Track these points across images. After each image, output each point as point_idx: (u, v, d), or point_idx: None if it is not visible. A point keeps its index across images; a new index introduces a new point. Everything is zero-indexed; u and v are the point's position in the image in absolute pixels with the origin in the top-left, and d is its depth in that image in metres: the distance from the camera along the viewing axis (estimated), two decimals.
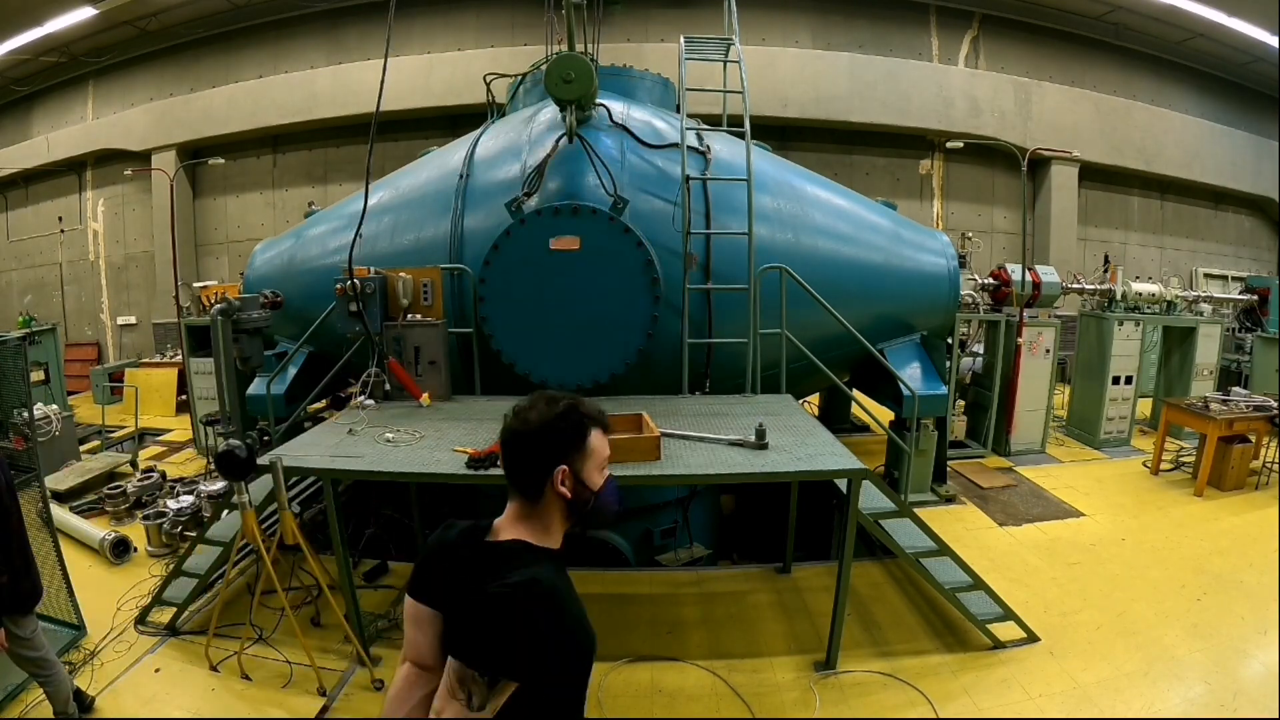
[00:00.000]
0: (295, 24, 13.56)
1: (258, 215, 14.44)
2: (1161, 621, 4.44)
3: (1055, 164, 13.23)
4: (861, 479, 3.68)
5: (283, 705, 3.66)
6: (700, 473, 3.69)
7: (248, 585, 4.77)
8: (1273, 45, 12.85)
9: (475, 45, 12.98)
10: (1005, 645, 4.12)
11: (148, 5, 12.69)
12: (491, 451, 3.62)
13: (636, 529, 5.56)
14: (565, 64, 4.73)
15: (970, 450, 8.24)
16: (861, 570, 5.06)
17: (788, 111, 12.55)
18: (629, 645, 4.17)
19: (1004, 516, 6.34)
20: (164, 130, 13.98)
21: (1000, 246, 13.85)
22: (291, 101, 13.33)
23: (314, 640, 4.11)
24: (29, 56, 13.66)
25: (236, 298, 5.46)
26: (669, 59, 8.97)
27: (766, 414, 4.50)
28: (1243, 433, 6.93)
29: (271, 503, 3.87)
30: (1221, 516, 6.27)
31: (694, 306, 5.23)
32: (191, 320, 9.09)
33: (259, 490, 4.07)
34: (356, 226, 4.89)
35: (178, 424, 10.24)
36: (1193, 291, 10.25)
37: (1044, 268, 8.88)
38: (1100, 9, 12.88)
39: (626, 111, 5.71)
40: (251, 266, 6.86)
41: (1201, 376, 9.11)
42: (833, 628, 3.92)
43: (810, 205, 5.93)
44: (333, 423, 4.66)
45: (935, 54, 13.31)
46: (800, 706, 3.64)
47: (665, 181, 5.36)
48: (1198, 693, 3.74)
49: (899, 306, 6.26)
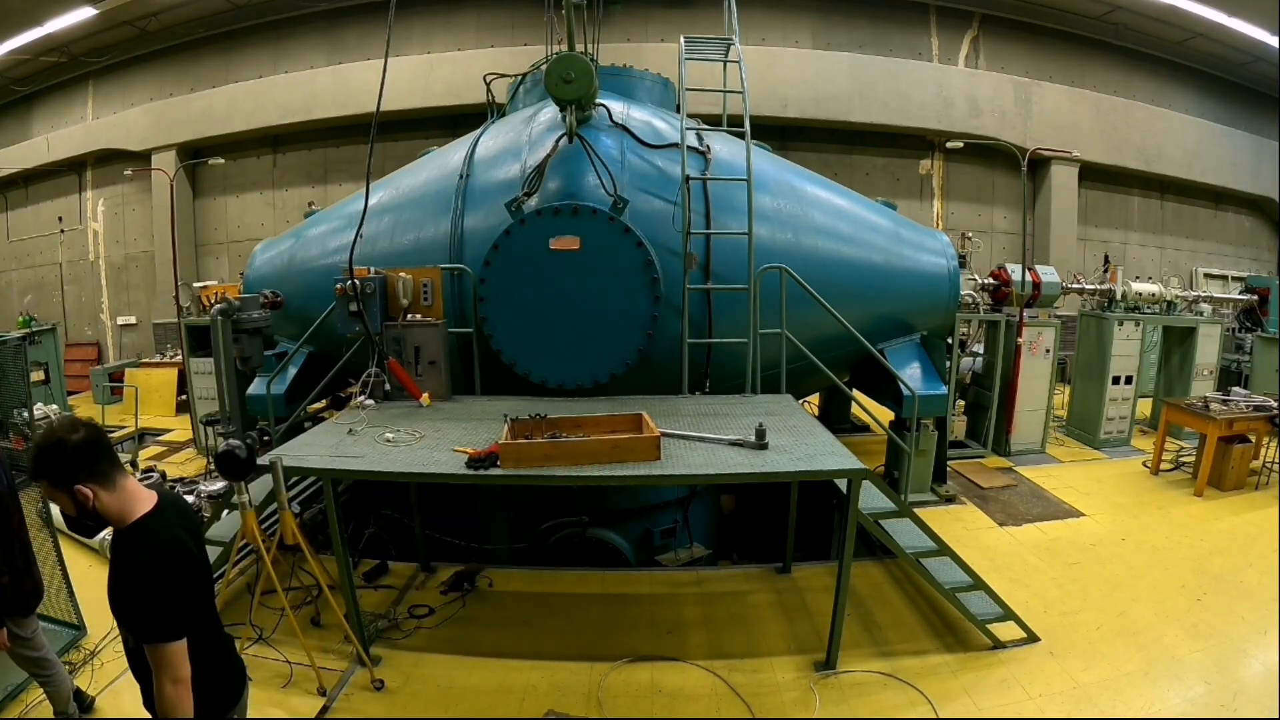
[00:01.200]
0: (295, 24, 13.56)
1: (258, 215, 14.44)
2: (1161, 621, 4.44)
3: (1055, 164, 13.23)
4: (861, 479, 3.68)
5: (283, 705, 3.66)
6: (700, 473, 3.69)
7: (248, 585, 4.77)
8: (1273, 45, 12.85)
9: (475, 45, 12.97)
10: (1005, 645, 4.12)
11: (148, 5, 12.69)
12: (491, 451, 3.62)
13: (636, 529, 5.57)
14: (565, 64, 4.73)
15: (970, 450, 8.24)
16: (861, 570, 5.06)
17: (788, 111, 12.55)
18: (629, 645, 4.17)
19: (1004, 516, 6.35)
20: (164, 130, 13.98)
21: (1000, 246, 13.85)
22: (291, 101, 13.33)
23: (314, 640, 4.11)
24: (29, 56, 13.65)
25: (236, 298, 5.46)
26: (669, 59, 8.97)
27: (766, 414, 4.51)
28: (1243, 433, 6.94)
29: (271, 503, 3.87)
30: (1221, 516, 6.27)
31: (694, 306, 5.23)
32: (191, 320, 9.10)
33: (259, 490, 4.07)
34: (357, 226, 4.89)
35: (178, 424, 10.24)
36: (1193, 291, 10.25)
37: (1044, 268, 8.88)
38: (1100, 9, 12.88)
39: (626, 111, 5.71)
40: (251, 266, 6.85)
41: (1201, 376, 9.11)
42: (833, 628, 3.92)
43: (810, 205, 5.93)
44: (333, 423, 4.66)
45: (935, 54, 13.31)
46: (800, 706, 3.64)
47: (665, 181, 5.35)
48: (1198, 693, 3.75)
49: (899, 306, 6.26)
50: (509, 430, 3.89)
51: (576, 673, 3.90)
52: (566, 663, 3.99)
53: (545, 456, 3.60)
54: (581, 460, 3.61)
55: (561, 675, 3.88)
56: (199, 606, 2.09)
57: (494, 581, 5.00)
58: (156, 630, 1.90)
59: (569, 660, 4.02)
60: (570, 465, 3.59)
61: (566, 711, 3.58)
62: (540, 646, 4.19)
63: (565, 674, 3.89)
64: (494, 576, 5.05)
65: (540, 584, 5.05)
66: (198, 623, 2.04)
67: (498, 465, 3.58)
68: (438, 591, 4.86)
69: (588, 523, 5.40)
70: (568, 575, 5.12)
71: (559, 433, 3.95)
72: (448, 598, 4.78)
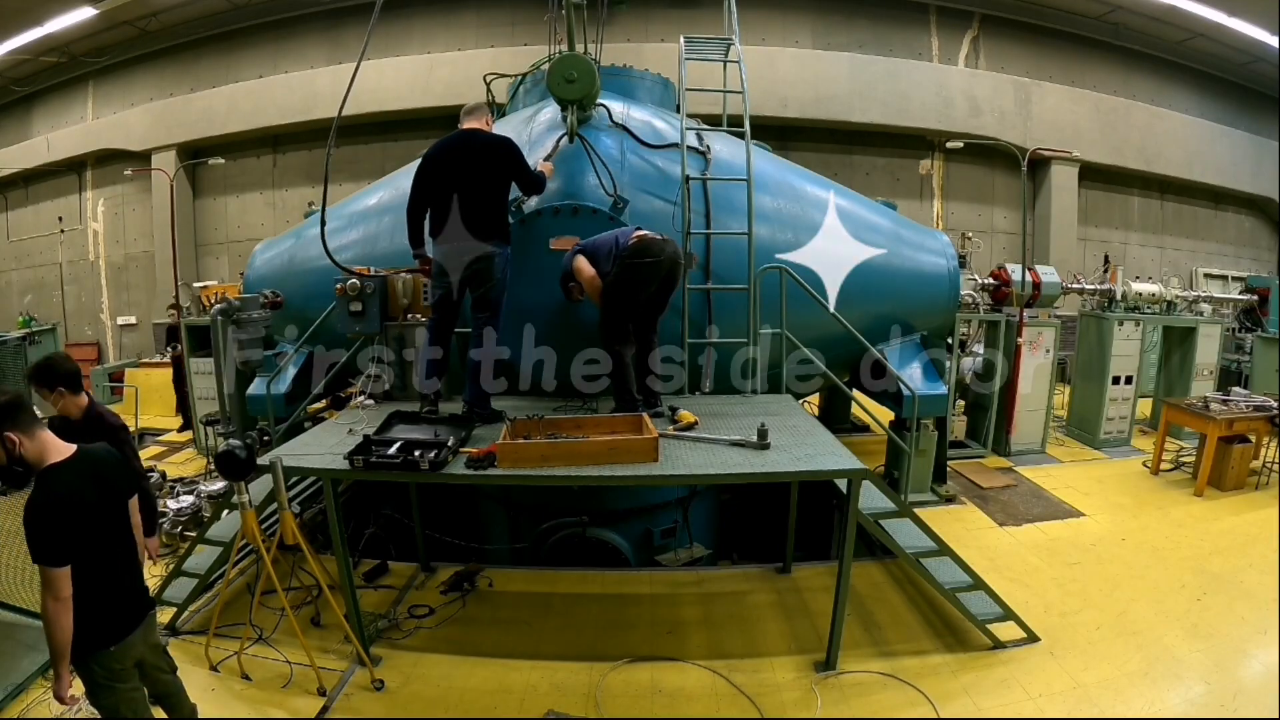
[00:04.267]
0: (295, 24, 13.57)
1: (258, 215, 14.45)
2: (1161, 621, 4.44)
3: (1055, 164, 13.24)
4: (861, 479, 3.68)
5: (283, 705, 3.66)
6: (700, 473, 3.69)
7: (248, 585, 4.77)
8: (1273, 45, 12.85)
9: (475, 45, 12.98)
10: (1005, 645, 4.12)
11: (148, 5, 12.71)
12: (490, 451, 3.62)
13: (636, 529, 5.56)
14: (568, 64, 4.73)
15: (970, 450, 8.23)
16: (861, 570, 5.05)
17: (788, 111, 12.56)
18: (629, 645, 4.17)
19: (1004, 516, 6.34)
20: (164, 130, 13.99)
21: (1000, 246, 13.85)
22: (291, 101, 13.34)
23: (314, 640, 4.11)
24: (29, 56, 13.67)
25: (236, 298, 5.46)
26: (669, 59, 8.97)
27: (766, 414, 4.50)
28: (1243, 433, 6.93)
29: (271, 503, 3.86)
30: (1221, 516, 6.27)
31: (694, 306, 5.23)
32: (191, 320, 9.09)
33: (259, 490, 4.07)
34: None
35: (178, 424, 10.23)
36: (1193, 291, 10.24)
37: (1044, 268, 8.88)
38: (1100, 9, 12.89)
39: (626, 111, 5.71)
40: (251, 266, 6.84)
41: (1201, 376, 9.10)
42: (833, 628, 3.92)
43: (810, 205, 5.92)
44: (333, 423, 4.65)
45: (935, 54, 13.32)
46: (801, 706, 3.64)
47: (665, 181, 5.35)
48: (1198, 693, 3.74)
49: (899, 306, 6.25)
50: (507, 430, 3.89)
51: (576, 673, 3.90)
52: (566, 663, 3.99)
53: (543, 457, 3.60)
54: (579, 461, 3.61)
55: (561, 675, 3.88)
56: (87, 544, 2.47)
57: (494, 581, 5.00)
58: (40, 555, 2.35)
59: (569, 660, 4.02)
60: (568, 466, 3.59)
61: (566, 711, 3.58)
62: (540, 646, 4.19)
63: (565, 674, 3.89)
64: (494, 576, 5.05)
65: (540, 584, 5.05)
66: (85, 557, 2.44)
67: (495, 465, 3.58)
68: (438, 591, 4.86)
69: (587, 523, 5.39)
70: (568, 575, 5.12)
71: (558, 433, 3.95)
72: (448, 598, 4.78)
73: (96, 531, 2.53)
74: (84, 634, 2.48)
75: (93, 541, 2.51)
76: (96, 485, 2.56)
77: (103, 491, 2.58)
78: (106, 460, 2.69)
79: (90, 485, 2.53)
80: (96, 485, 2.56)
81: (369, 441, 3.80)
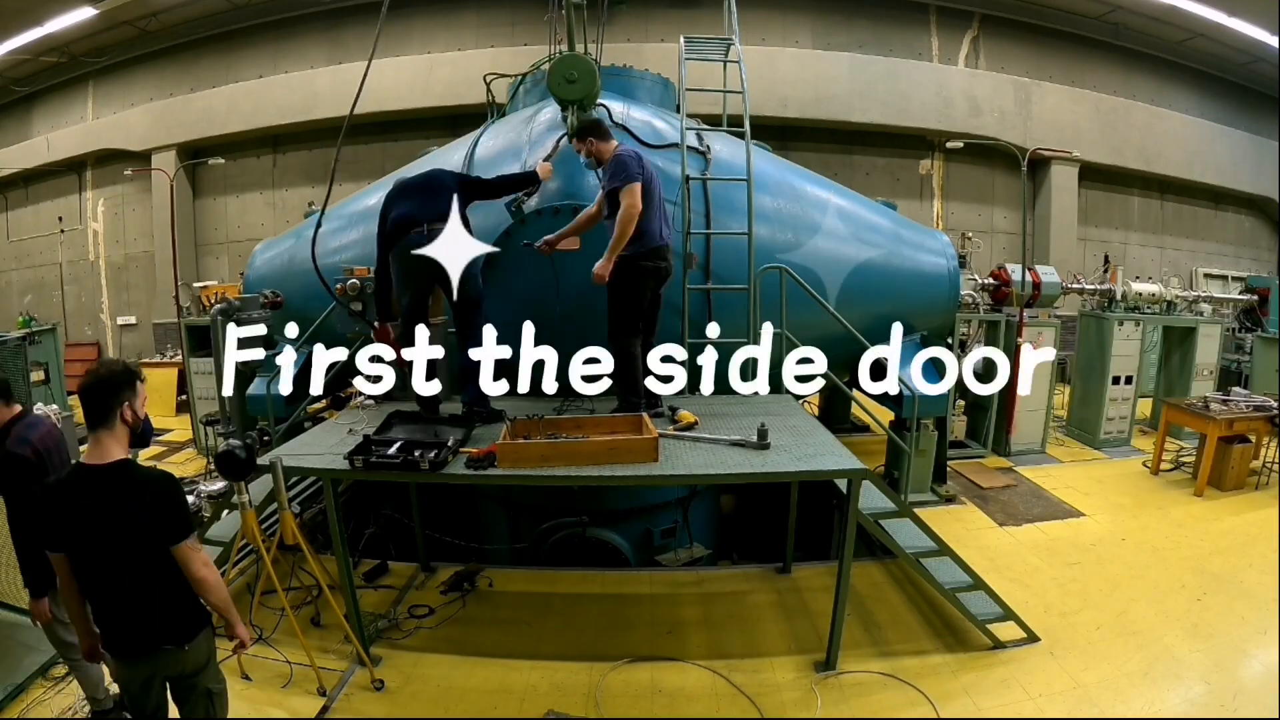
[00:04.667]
0: (295, 24, 13.56)
1: (258, 215, 14.44)
2: (1161, 621, 4.44)
3: (1055, 164, 13.22)
4: (861, 479, 3.68)
5: (283, 705, 3.67)
6: (700, 473, 3.69)
7: (248, 585, 4.77)
8: (1273, 45, 12.84)
9: (475, 45, 12.97)
10: (1005, 645, 4.12)
11: (148, 5, 12.70)
12: (490, 451, 3.62)
13: (636, 529, 5.56)
14: (568, 64, 4.73)
15: (970, 450, 8.24)
16: (861, 570, 5.05)
17: (788, 111, 12.55)
18: (629, 645, 4.17)
19: (1004, 516, 6.35)
20: (164, 130, 13.97)
21: (1000, 246, 13.84)
22: (291, 101, 13.32)
23: (314, 640, 4.11)
24: (29, 56, 13.66)
25: (236, 298, 5.46)
26: (669, 59, 8.96)
27: (766, 414, 4.50)
28: (1243, 433, 6.93)
29: (271, 503, 3.87)
30: (1221, 516, 6.27)
31: (694, 306, 5.23)
32: (191, 320, 9.10)
33: (259, 490, 4.07)
34: (322, 226, 4.83)
35: (178, 424, 10.25)
36: (1193, 291, 10.25)
37: (1044, 268, 8.88)
38: (1100, 9, 12.88)
39: (626, 111, 5.71)
40: (251, 266, 6.85)
41: (1201, 376, 9.10)
42: (833, 628, 3.92)
43: (810, 205, 5.92)
44: (333, 423, 4.65)
45: (935, 54, 13.31)
46: (801, 707, 3.64)
47: (665, 181, 5.33)
48: (1198, 693, 3.75)
49: (899, 306, 6.24)
50: (507, 430, 3.89)
51: (576, 673, 3.90)
52: (566, 663, 3.99)
53: (543, 457, 3.60)
54: (579, 461, 3.61)
55: (561, 675, 3.88)
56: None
57: (494, 581, 5.00)
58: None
59: (569, 660, 4.02)
60: (568, 466, 3.59)
61: (566, 711, 3.58)
62: (540, 646, 4.20)
63: (565, 674, 3.89)
64: (494, 576, 5.05)
65: (540, 584, 5.05)
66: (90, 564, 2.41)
67: (495, 465, 3.58)
68: (438, 591, 4.86)
69: (587, 523, 5.39)
70: (568, 575, 5.12)
71: (558, 433, 3.95)
72: (448, 598, 4.78)
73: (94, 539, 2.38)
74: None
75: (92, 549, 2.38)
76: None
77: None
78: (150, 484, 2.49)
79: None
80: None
81: (369, 441, 3.80)
